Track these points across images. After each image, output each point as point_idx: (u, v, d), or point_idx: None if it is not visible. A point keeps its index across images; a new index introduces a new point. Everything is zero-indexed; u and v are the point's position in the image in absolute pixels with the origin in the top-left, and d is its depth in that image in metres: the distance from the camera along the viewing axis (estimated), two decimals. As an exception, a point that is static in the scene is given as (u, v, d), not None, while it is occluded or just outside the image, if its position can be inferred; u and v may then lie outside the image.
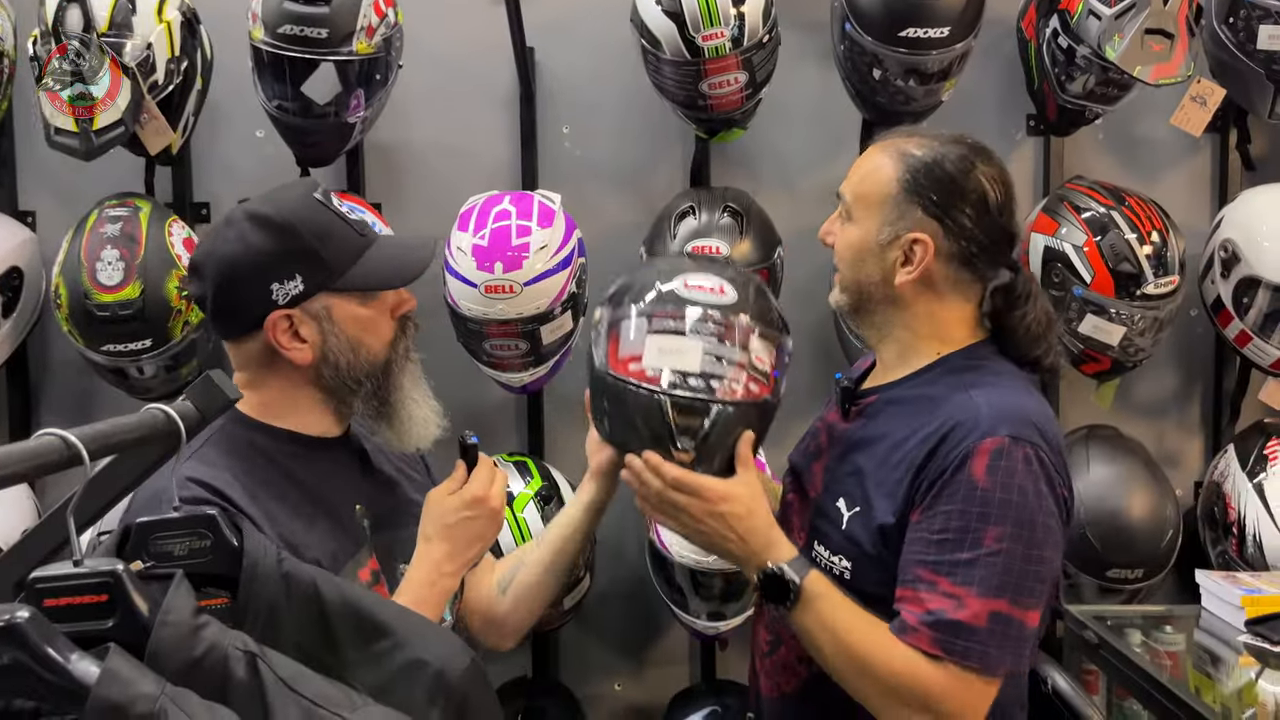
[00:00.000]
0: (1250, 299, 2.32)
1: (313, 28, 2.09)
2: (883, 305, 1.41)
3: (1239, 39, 2.28)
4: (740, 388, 1.34)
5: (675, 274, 1.40)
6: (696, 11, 2.09)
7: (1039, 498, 1.29)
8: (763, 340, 1.37)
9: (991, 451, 1.28)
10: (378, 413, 1.38)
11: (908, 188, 1.37)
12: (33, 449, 0.83)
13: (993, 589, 1.26)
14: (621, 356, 1.36)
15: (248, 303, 1.31)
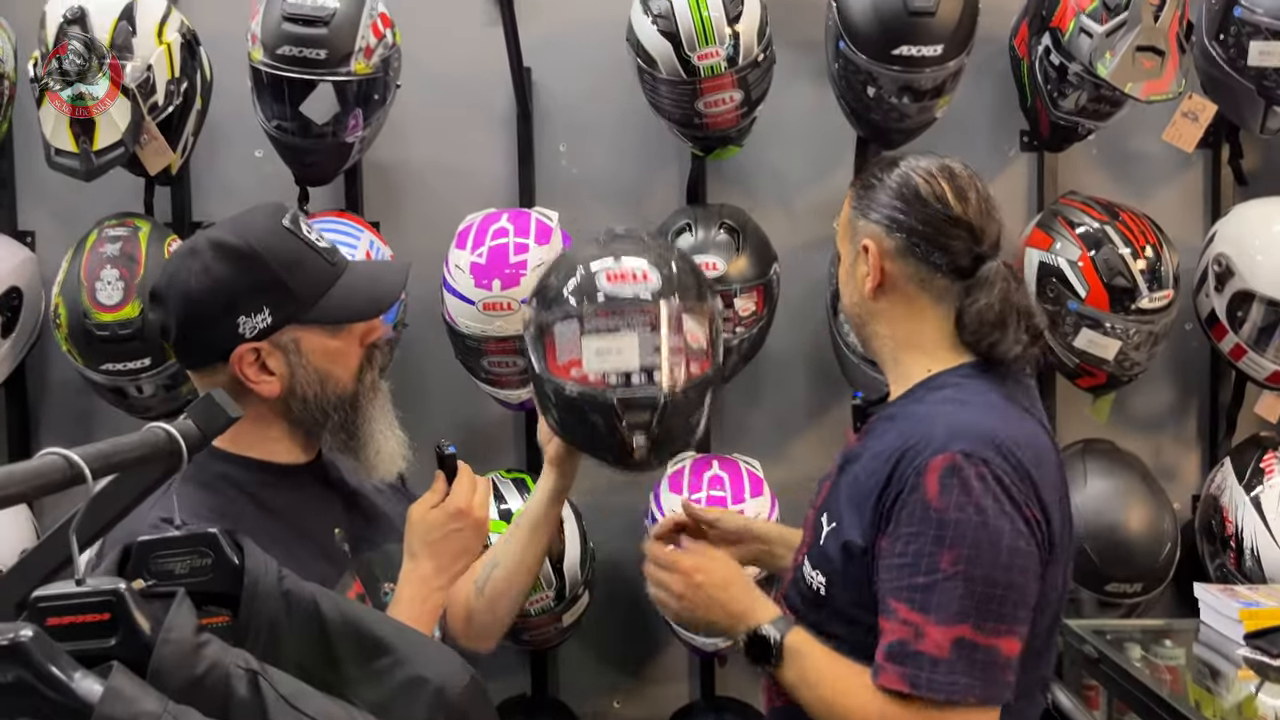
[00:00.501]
0: (1244, 312, 2.33)
1: (311, 49, 2.10)
2: (870, 325, 1.44)
3: (1230, 55, 2.30)
4: (682, 372, 1.37)
5: (596, 269, 1.39)
6: (692, 31, 2.11)
7: (1001, 517, 1.24)
8: (693, 316, 1.39)
9: (942, 470, 1.25)
10: (345, 445, 1.35)
11: (855, 207, 1.43)
12: (36, 468, 0.84)
13: (953, 615, 1.21)
14: (561, 362, 1.38)
15: (213, 336, 1.28)
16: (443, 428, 2.43)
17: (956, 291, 1.37)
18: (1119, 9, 2.14)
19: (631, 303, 1.37)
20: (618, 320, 1.36)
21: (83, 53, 2.04)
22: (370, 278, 1.40)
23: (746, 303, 2.21)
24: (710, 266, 2.18)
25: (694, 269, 1.46)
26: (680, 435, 1.41)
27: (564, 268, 1.45)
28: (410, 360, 2.45)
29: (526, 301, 1.47)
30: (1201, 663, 2.09)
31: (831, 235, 2.50)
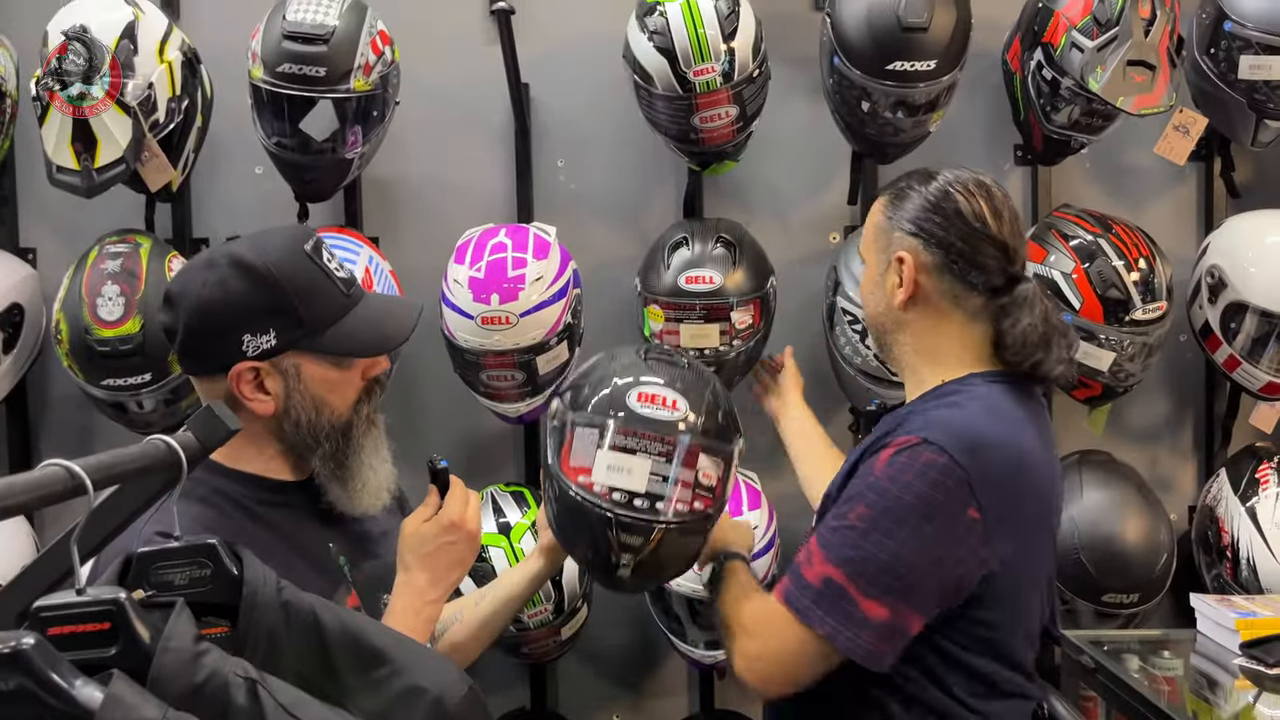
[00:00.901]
0: (1238, 324, 2.34)
1: (311, 66, 2.12)
2: (894, 334, 1.51)
3: (1220, 69, 2.32)
4: (685, 506, 1.40)
5: (630, 383, 1.43)
6: (688, 47, 2.13)
7: (923, 501, 1.31)
8: (710, 456, 1.42)
9: (899, 447, 1.35)
10: (332, 474, 1.36)
11: (890, 217, 1.49)
12: (38, 479, 0.85)
13: (835, 558, 1.33)
14: (572, 464, 1.41)
15: (216, 349, 1.29)
16: (441, 441, 2.45)
17: (990, 310, 1.44)
18: (1110, 24, 2.16)
19: (654, 427, 1.39)
20: (636, 441, 1.39)
21: (83, 53, 2.04)
22: (382, 313, 1.40)
23: (743, 316, 2.23)
24: (707, 280, 2.22)
25: (725, 409, 1.48)
26: (669, 566, 1.46)
27: (601, 373, 1.47)
28: (409, 374, 2.46)
29: (560, 393, 1.50)
30: (1199, 673, 2.09)
31: (827, 249, 2.56)
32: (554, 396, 1.50)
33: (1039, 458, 1.42)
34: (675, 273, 2.23)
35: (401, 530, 1.39)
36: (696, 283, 2.20)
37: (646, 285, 2.29)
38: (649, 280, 2.29)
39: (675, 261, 2.25)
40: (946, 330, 1.46)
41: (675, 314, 2.21)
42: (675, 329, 2.21)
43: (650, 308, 2.25)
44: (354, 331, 1.33)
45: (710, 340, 2.17)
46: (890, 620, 1.31)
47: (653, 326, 2.24)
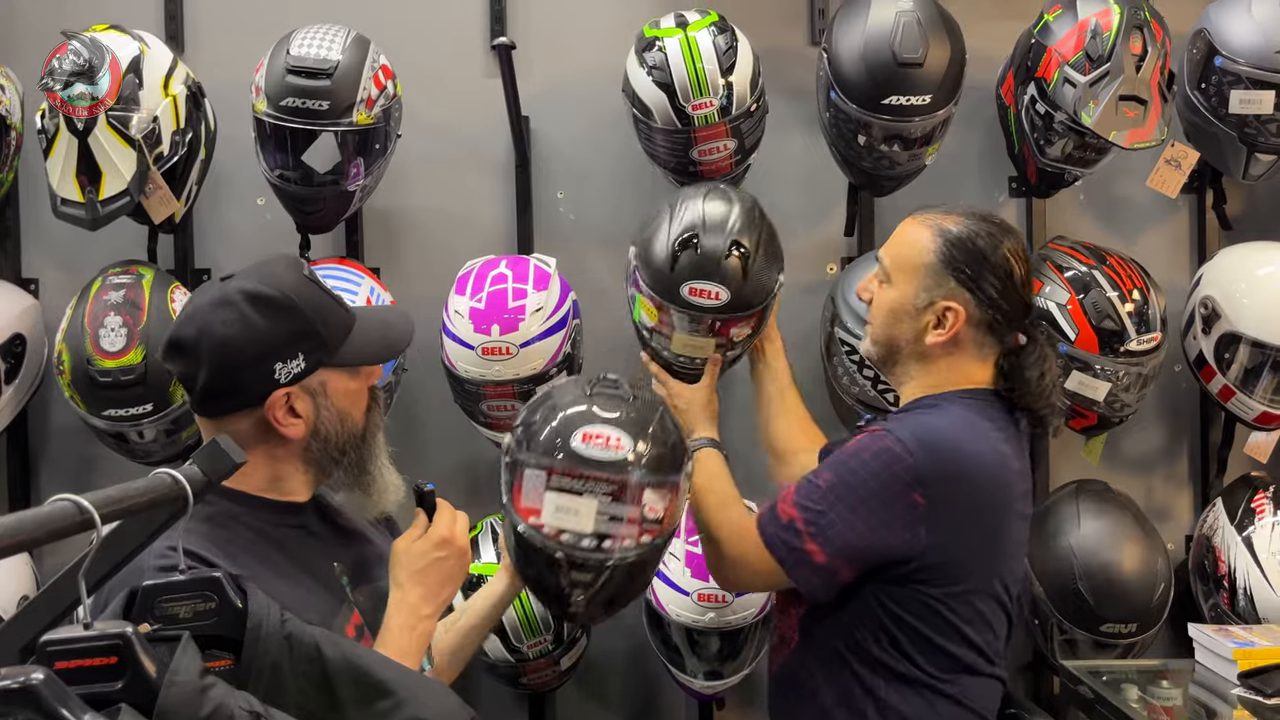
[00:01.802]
0: (1231, 354, 2.36)
1: (314, 100, 2.14)
2: (910, 359, 1.66)
3: (1211, 103, 2.35)
4: (632, 542, 1.45)
5: (575, 423, 1.48)
6: (686, 82, 2.16)
7: (878, 477, 1.55)
8: (655, 490, 1.47)
9: (868, 433, 1.61)
10: (356, 480, 1.42)
11: (943, 259, 1.60)
12: (48, 514, 0.86)
13: (798, 505, 1.59)
14: (523, 504, 1.46)
15: (248, 382, 1.32)
16: (441, 470, 2.45)
17: (999, 353, 1.65)
18: (1101, 60, 2.19)
19: (599, 467, 1.45)
20: (581, 484, 1.44)
21: (83, 53, 2.05)
22: (381, 323, 1.47)
23: (743, 329, 1.96)
24: (714, 296, 1.89)
25: (670, 439, 1.53)
26: (623, 596, 1.52)
27: (547, 410, 1.52)
28: (409, 404, 2.47)
29: (512, 430, 1.54)
30: (1197, 703, 2.10)
31: (824, 279, 2.58)
32: (507, 435, 1.53)
33: (1003, 465, 1.61)
34: (680, 279, 1.89)
35: (392, 550, 1.42)
36: (702, 297, 1.90)
37: (645, 272, 1.95)
38: (648, 268, 1.94)
39: (682, 264, 1.90)
40: (958, 367, 1.64)
41: (671, 319, 1.94)
42: (667, 332, 1.95)
43: (642, 299, 1.97)
44: (365, 342, 1.40)
45: (703, 352, 1.95)
46: (825, 564, 1.57)
47: (643, 319, 1.98)
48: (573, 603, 1.46)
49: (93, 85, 2.05)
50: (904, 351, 1.66)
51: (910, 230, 1.66)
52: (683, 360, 1.96)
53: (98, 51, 2.07)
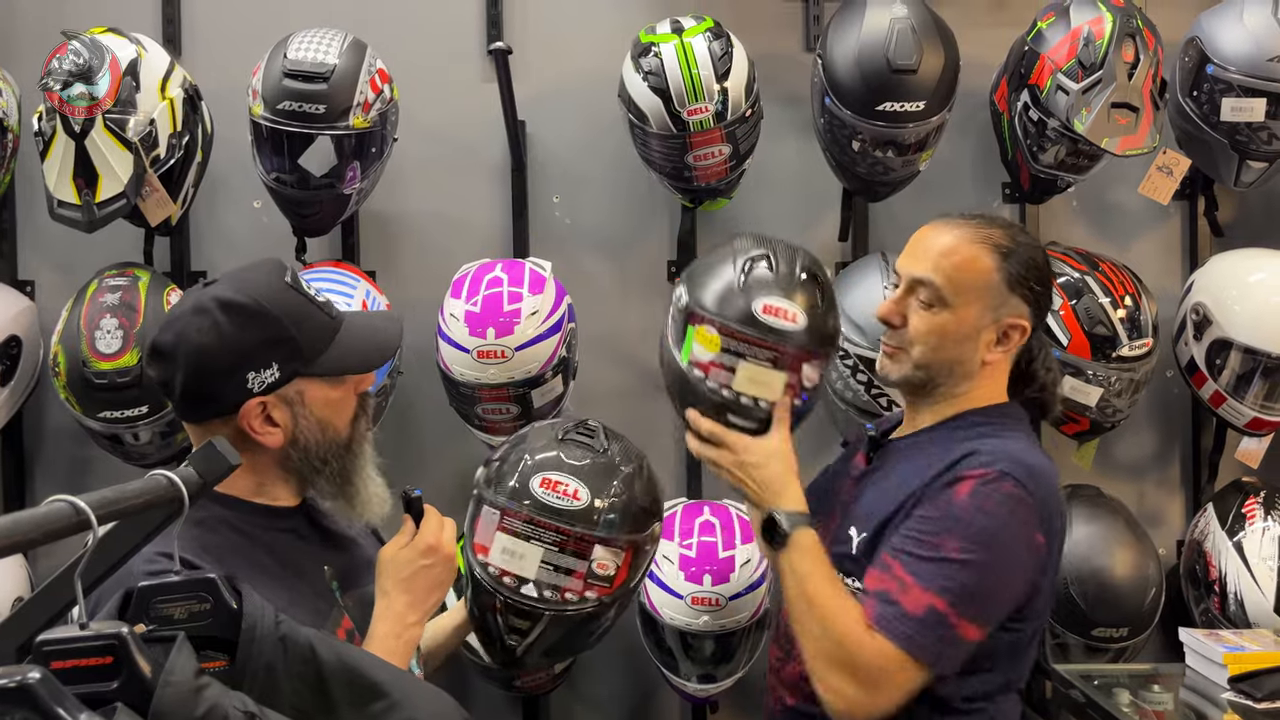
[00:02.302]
0: (1223, 360, 2.37)
1: (311, 104, 2.15)
2: (957, 379, 1.56)
3: (1203, 111, 2.37)
4: (574, 596, 1.43)
5: (538, 467, 1.46)
6: (682, 88, 2.17)
7: (1010, 529, 1.43)
8: (608, 548, 1.44)
9: (979, 479, 1.45)
10: (339, 491, 1.38)
11: (1010, 279, 1.54)
12: (44, 515, 0.86)
13: (937, 588, 1.40)
14: (476, 541, 1.45)
15: (222, 391, 1.30)
16: (435, 474, 2.46)
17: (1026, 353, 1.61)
18: (1094, 67, 2.21)
19: (551, 515, 1.43)
20: (530, 529, 1.43)
21: (83, 53, 2.06)
22: (368, 329, 1.44)
23: (813, 372, 1.64)
24: (790, 317, 1.59)
25: (635, 498, 1.51)
26: (565, 648, 1.49)
27: (519, 451, 1.51)
28: (405, 406, 2.47)
29: (485, 463, 1.54)
30: (1188, 707, 2.10)
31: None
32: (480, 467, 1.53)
33: (1057, 475, 1.56)
34: (751, 294, 1.61)
35: (379, 557, 1.41)
36: (777, 315, 1.59)
37: (701, 299, 1.64)
38: (705, 293, 1.64)
39: (755, 280, 1.63)
40: (997, 378, 1.59)
41: (736, 346, 1.59)
42: (730, 364, 1.59)
43: (701, 328, 1.62)
44: (347, 350, 1.36)
45: (770, 391, 1.57)
46: (980, 638, 1.43)
47: (696, 353, 1.62)
48: (507, 648, 1.44)
49: (92, 86, 2.05)
50: (953, 374, 1.55)
51: (963, 249, 1.54)
52: (745, 402, 1.57)
53: (97, 52, 2.08)
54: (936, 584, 1.40)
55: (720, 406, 1.57)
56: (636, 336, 2.59)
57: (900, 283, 1.59)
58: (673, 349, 1.64)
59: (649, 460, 1.65)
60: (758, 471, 1.52)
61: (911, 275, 1.56)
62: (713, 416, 1.57)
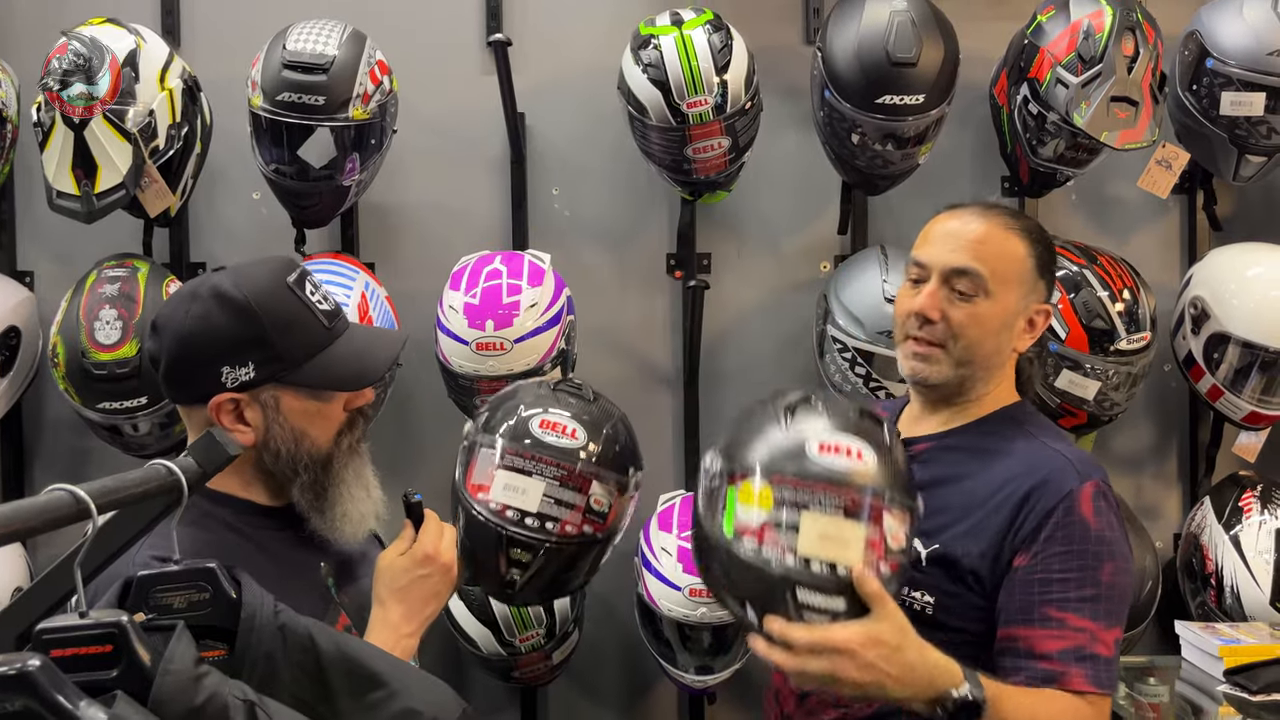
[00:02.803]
0: (1220, 354, 2.38)
1: (310, 95, 2.15)
2: (988, 371, 1.53)
3: (1202, 105, 2.37)
4: (573, 530, 1.45)
5: (534, 409, 1.49)
6: (681, 80, 2.17)
7: (1123, 531, 1.45)
8: (603, 484, 1.47)
9: (1093, 495, 1.43)
10: (311, 504, 1.36)
11: (1038, 264, 1.54)
12: (44, 504, 0.87)
13: (1114, 619, 1.39)
14: (473, 482, 1.47)
15: (197, 379, 1.30)
16: (435, 466, 2.46)
17: None
18: (1094, 61, 2.21)
19: (551, 452, 1.45)
20: (532, 464, 1.45)
21: (83, 52, 2.06)
22: (363, 347, 1.39)
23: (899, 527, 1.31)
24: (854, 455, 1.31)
25: (624, 443, 1.52)
26: (559, 584, 1.50)
27: (511, 402, 1.53)
28: (404, 398, 2.48)
29: (473, 417, 1.55)
30: (1184, 700, 2.11)
31: (817, 277, 2.59)
32: (469, 419, 1.54)
33: None
34: (800, 434, 1.32)
35: (376, 565, 1.39)
36: (838, 454, 1.30)
37: (738, 456, 1.34)
38: (741, 449, 1.34)
39: (801, 421, 1.35)
40: (1013, 370, 1.58)
41: (795, 496, 1.27)
42: (790, 520, 1.26)
43: (744, 484, 1.30)
44: (333, 365, 1.33)
45: (848, 553, 1.25)
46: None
47: (742, 518, 1.28)
48: (509, 582, 1.46)
49: (92, 85, 2.06)
50: (988, 366, 1.51)
51: (998, 235, 1.51)
52: (818, 570, 1.24)
53: (97, 51, 2.08)
54: (1114, 617, 1.39)
55: (784, 584, 1.23)
56: (635, 329, 2.60)
57: (930, 275, 1.50)
58: (710, 523, 1.31)
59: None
60: (897, 660, 1.23)
61: (950, 265, 1.48)
62: (781, 606, 1.23)
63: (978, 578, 1.42)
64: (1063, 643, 1.36)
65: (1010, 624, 1.39)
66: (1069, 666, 1.35)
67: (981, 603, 1.42)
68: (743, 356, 2.61)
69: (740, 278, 2.61)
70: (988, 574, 1.41)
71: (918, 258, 1.54)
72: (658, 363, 2.61)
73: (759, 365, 2.60)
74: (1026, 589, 1.39)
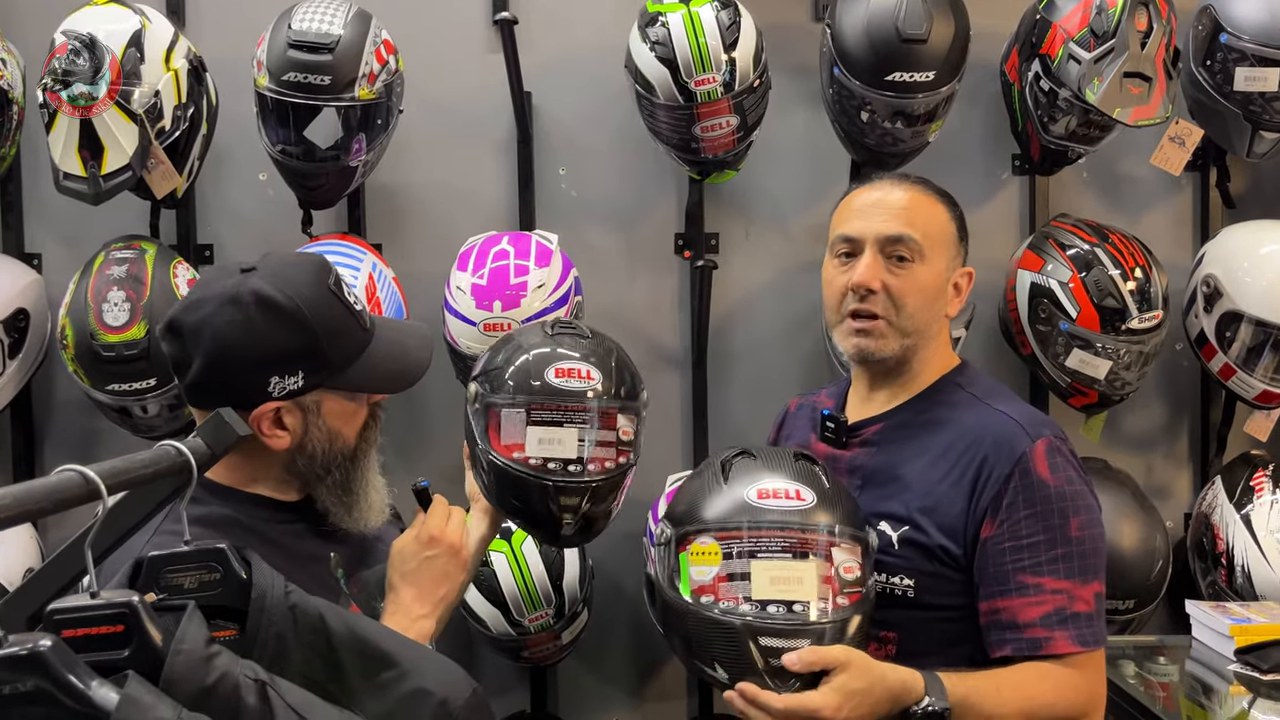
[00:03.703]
0: (1233, 333, 2.36)
1: (316, 75, 2.14)
2: (927, 339, 1.53)
3: (1216, 81, 2.34)
4: (611, 464, 1.46)
5: (543, 362, 1.49)
6: (689, 58, 2.15)
7: (1085, 483, 1.44)
8: (626, 414, 1.49)
9: (1047, 451, 1.41)
10: (339, 500, 1.36)
11: (959, 227, 1.55)
12: (54, 484, 0.87)
13: (1090, 573, 1.39)
14: (504, 443, 1.46)
15: (239, 388, 1.25)
16: (443, 447, 2.47)
17: None
18: (1106, 36, 2.18)
19: (574, 398, 1.46)
20: (561, 415, 1.46)
21: (84, 53, 2.06)
22: (397, 346, 1.39)
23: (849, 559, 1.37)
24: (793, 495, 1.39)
25: (629, 370, 1.55)
26: (603, 516, 1.52)
27: (513, 353, 1.52)
28: (411, 380, 2.47)
29: (474, 377, 1.54)
30: (1194, 679, 2.11)
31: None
32: (469, 382, 1.55)
33: None
34: (739, 487, 1.40)
35: (390, 552, 1.40)
36: (776, 498, 1.37)
37: (685, 519, 1.43)
38: (685, 512, 1.44)
39: (737, 473, 1.43)
40: (947, 336, 1.58)
41: (743, 545, 1.34)
42: (740, 570, 1.33)
43: (693, 546, 1.38)
44: (374, 366, 1.33)
45: (803, 591, 1.30)
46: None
47: (697, 579, 1.35)
48: (564, 527, 1.48)
49: (92, 85, 2.06)
50: (927, 335, 1.51)
51: (924, 201, 1.52)
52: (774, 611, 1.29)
53: (98, 51, 2.07)
54: (1089, 571, 1.38)
55: (746, 633, 1.28)
56: (644, 308, 2.59)
57: (863, 247, 1.50)
58: (669, 590, 1.38)
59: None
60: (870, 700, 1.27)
61: (885, 234, 1.48)
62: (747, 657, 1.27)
63: (949, 553, 1.42)
64: (1042, 608, 1.37)
65: (989, 596, 1.40)
66: (1053, 631, 1.36)
67: (959, 577, 1.43)
68: (751, 337, 2.60)
69: (749, 257, 2.60)
70: (958, 548, 1.42)
71: (846, 233, 1.54)
72: (666, 343, 2.60)
73: (767, 345, 2.60)
74: (998, 558, 1.39)
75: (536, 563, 2.20)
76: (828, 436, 1.57)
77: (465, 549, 1.42)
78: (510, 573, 2.19)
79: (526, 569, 2.20)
